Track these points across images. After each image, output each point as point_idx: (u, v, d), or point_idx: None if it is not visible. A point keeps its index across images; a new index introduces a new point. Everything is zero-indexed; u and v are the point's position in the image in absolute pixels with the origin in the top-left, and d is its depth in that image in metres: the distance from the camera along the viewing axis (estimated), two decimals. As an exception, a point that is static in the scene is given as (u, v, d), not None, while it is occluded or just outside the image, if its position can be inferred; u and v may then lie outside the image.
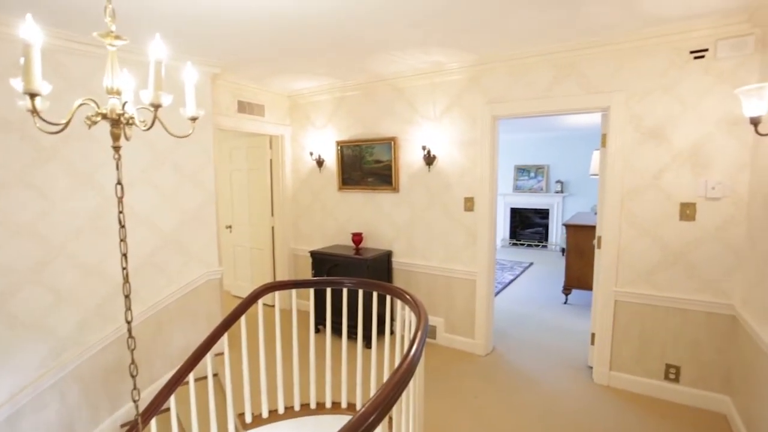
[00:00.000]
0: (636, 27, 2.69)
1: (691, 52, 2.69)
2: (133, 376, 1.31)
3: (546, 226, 8.93)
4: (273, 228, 4.92)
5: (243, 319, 2.50)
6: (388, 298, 2.42)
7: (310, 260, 4.21)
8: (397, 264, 4.08)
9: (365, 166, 4.18)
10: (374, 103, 4.09)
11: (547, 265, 7.45)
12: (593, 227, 4.48)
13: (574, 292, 5.13)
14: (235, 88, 4.09)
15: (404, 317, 2.29)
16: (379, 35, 2.82)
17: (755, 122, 2.13)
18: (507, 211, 9.27)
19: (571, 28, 2.71)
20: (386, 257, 4.05)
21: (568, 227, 5.10)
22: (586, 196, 8.24)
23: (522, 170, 8.98)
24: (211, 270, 3.59)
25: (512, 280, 6.28)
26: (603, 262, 3.08)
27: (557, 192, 8.55)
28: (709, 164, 2.69)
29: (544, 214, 8.95)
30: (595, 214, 5.30)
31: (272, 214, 4.89)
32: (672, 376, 2.89)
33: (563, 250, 7.75)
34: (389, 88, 3.96)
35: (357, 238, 4.10)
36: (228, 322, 2.42)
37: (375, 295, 2.52)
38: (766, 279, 2.24)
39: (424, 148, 3.73)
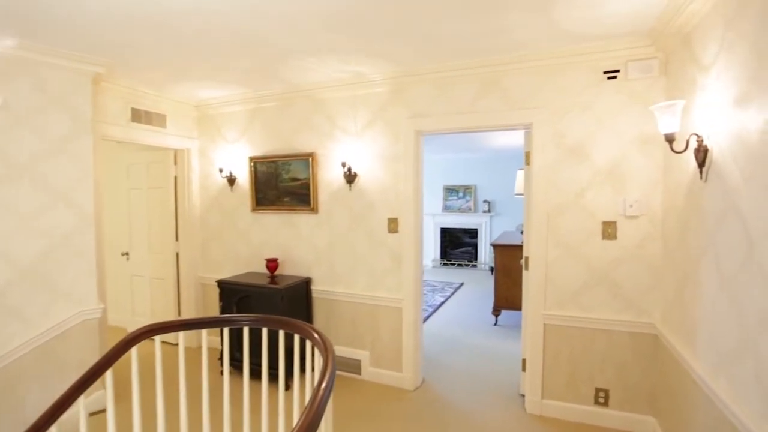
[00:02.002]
0: (556, 45, 2.66)
1: (605, 72, 2.71)
2: None
3: (475, 246, 9.03)
4: (178, 254, 4.30)
5: (109, 373, 1.97)
6: (296, 335, 2.04)
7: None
8: (317, 292, 3.69)
9: (281, 185, 3.79)
10: (291, 116, 3.75)
11: (477, 284, 7.45)
12: (519, 246, 4.46)
13: (504, 312, 5.06)
14: (129, 94, 3.53)
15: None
16: (288, 38, 2.51)
17: (670, 139, 2.11)
18: (437, 231, 9.26)
19: (495, 42, 2.61)
20: (305, 285, 3.64)
21: (496, 247, 5.06)
22: (512, 216, 8.47)
23: (451, 190, 9.06)
24: (88, 308, 2.96)
25: (443, 302, 6.13)
26: (531, 284, 2.95)
27: (485, 212, 8.71)
28: (627, 182, 2.69)
29: (473, 233, 9.06)
30: (521, 233, 5.34)
31: (177, 239, 4.29)
32: (601, 401, 2.80)
33: (492, 269, 7.83)
34: (307, 100, 3.64)
35: (272, 264, 3.66)
36: (86, 380, 1.88)
37: (281, 332, 2.13)
38: (683, 295, 2.21)
39: (344, 164, 3.44)
